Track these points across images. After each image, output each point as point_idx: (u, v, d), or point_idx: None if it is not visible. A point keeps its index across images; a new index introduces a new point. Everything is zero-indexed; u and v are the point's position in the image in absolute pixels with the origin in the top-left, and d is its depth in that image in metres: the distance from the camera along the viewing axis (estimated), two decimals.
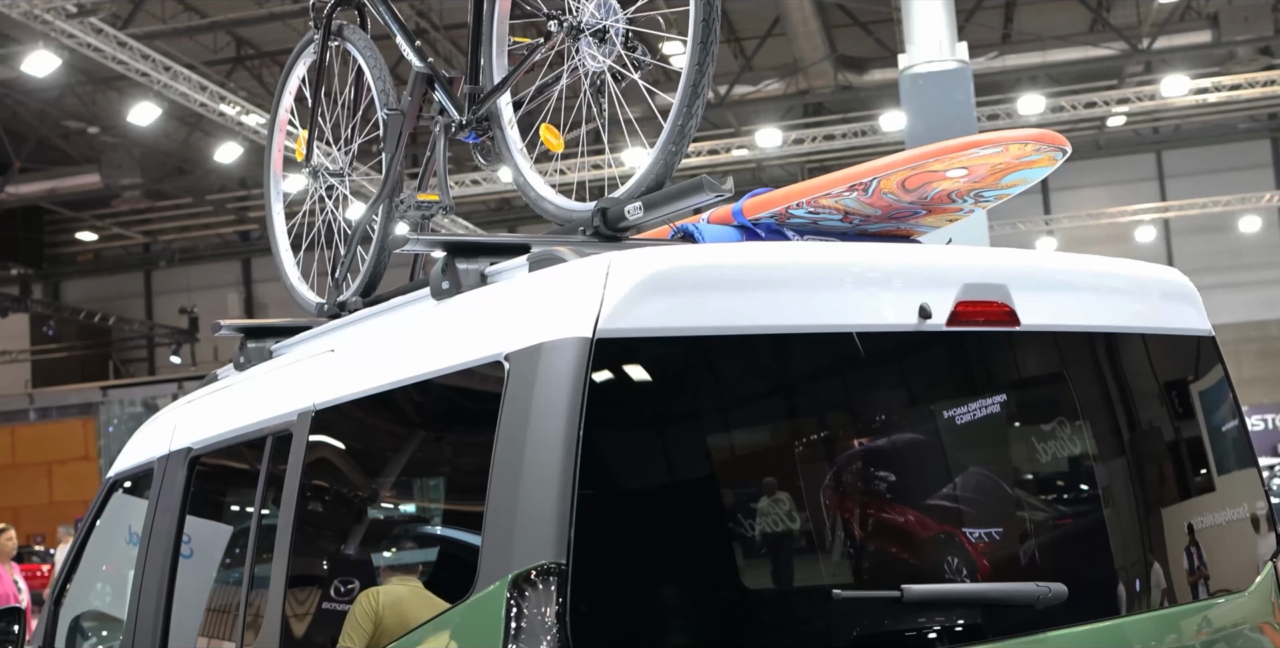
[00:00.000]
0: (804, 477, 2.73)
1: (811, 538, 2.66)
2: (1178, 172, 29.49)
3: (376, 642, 2.82)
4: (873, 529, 2.76)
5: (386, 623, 4.01)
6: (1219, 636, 3.14)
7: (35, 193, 27.10)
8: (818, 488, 2.74)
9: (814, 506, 2.71)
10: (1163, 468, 3.29)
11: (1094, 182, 28.87)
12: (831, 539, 2.70)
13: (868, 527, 2.75)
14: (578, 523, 2.38)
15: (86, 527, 4.87)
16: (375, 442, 3.21)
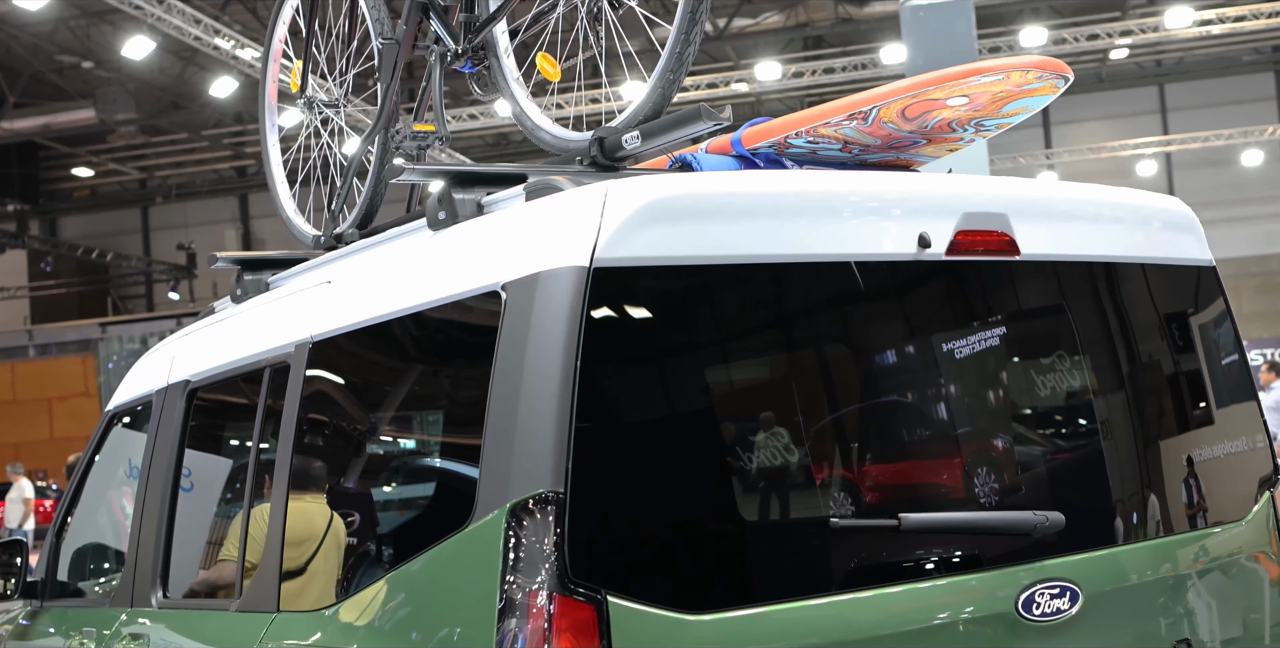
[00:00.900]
0: (801, 406, 2.73)
1: (809, 468, 2.66)
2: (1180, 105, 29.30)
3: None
4: (870, 460, 2.76)
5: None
6: (1215, 564, 3.16)
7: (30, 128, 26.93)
8: (815, 418, 2.74)
9: (811, 436, 2.71)
10: (1162, 399, 3.29)
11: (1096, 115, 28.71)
12: (829, 470, 2.71)
13: (865, 458, 2.76)
14: (575, 452, 2.38)
15: (86, 460, 4.88)
16: (372, 372, 3.21)
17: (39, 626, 4.73)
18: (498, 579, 2.37)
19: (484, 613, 2.39)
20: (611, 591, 2.34)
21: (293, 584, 3.12)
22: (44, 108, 26.45)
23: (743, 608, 2.47)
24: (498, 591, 2.37)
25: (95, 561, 4.90)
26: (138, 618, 3.89)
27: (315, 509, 3.18)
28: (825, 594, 2.56)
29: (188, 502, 3.99)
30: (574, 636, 2.30)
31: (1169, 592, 3.02)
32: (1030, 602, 2.73)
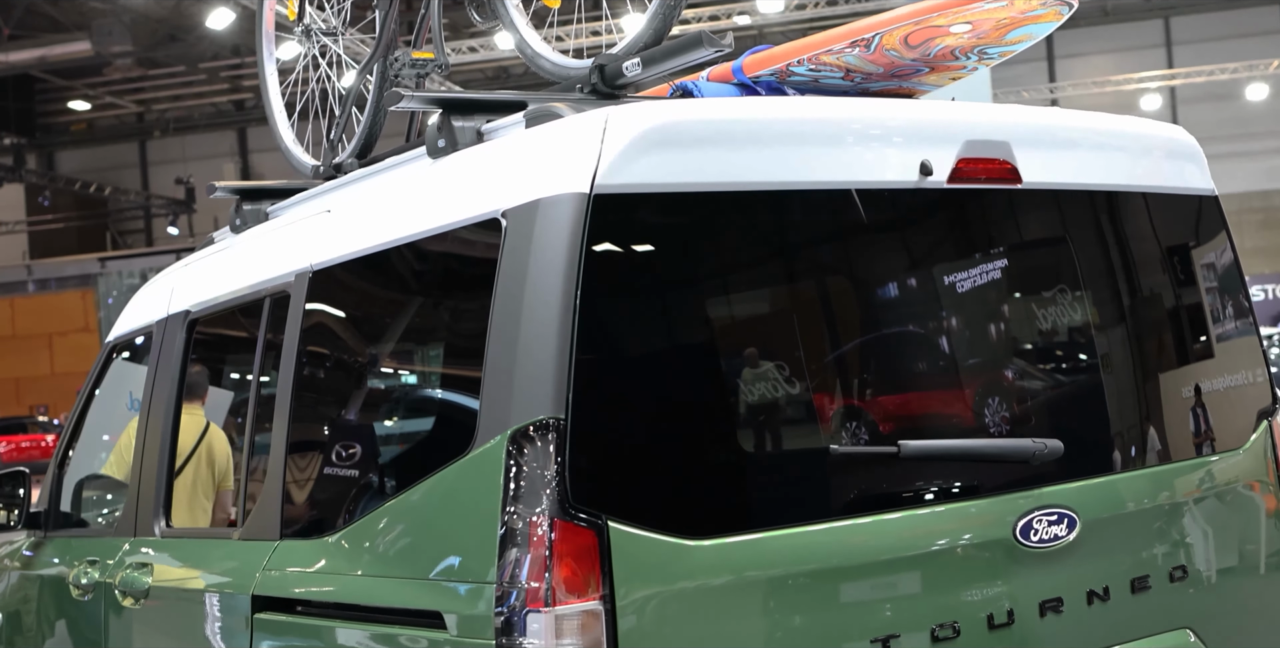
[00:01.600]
0: (801, 335, 2.73)
1: (809, 396, 2.67)
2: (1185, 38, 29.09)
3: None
4: (871, 389, 2.77)
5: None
6: (1211, 492, 3.17)
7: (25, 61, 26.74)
8: (815, 347, 2.75)
9: (811, 364, 2.71)
10: (1162, 330, 3.29)
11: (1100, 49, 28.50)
12: (829, 398, 2.71)
13: (866, 386, 2.76)
14: (576, 379, 2.38)
15: (87, 392, 4.89)
16: (373, 301, 3.21)
17: (42, 556, 4.77)
18: (499, 505, 2.39)
19: (485, 539, 2.40)
20: (612, 516, 2.35)
21: (295, 511, 3.14)
22: (39, 40, 26.25)
23: (742, 533, 2.48)
24: (499, 517, 2.38)
25: (97, 491, 4.93)
26: (141, 548, 3.92)
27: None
28: (824, 520, 2.57)
29: None
30: (575, 561, 2.32)
31: (1166, 519, 3.04)
32: (1028, 528, 2.75)
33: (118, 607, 3.91)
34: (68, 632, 4.37)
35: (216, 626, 3.33)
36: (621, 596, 2.34)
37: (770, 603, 2.48)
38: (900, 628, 2.58)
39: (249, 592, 3.15)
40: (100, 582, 4.07)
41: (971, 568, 2.69)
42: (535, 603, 2.31)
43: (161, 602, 3.69)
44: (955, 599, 2.66)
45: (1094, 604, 2.84)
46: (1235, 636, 3.14)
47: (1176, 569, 3.02)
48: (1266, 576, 3.28)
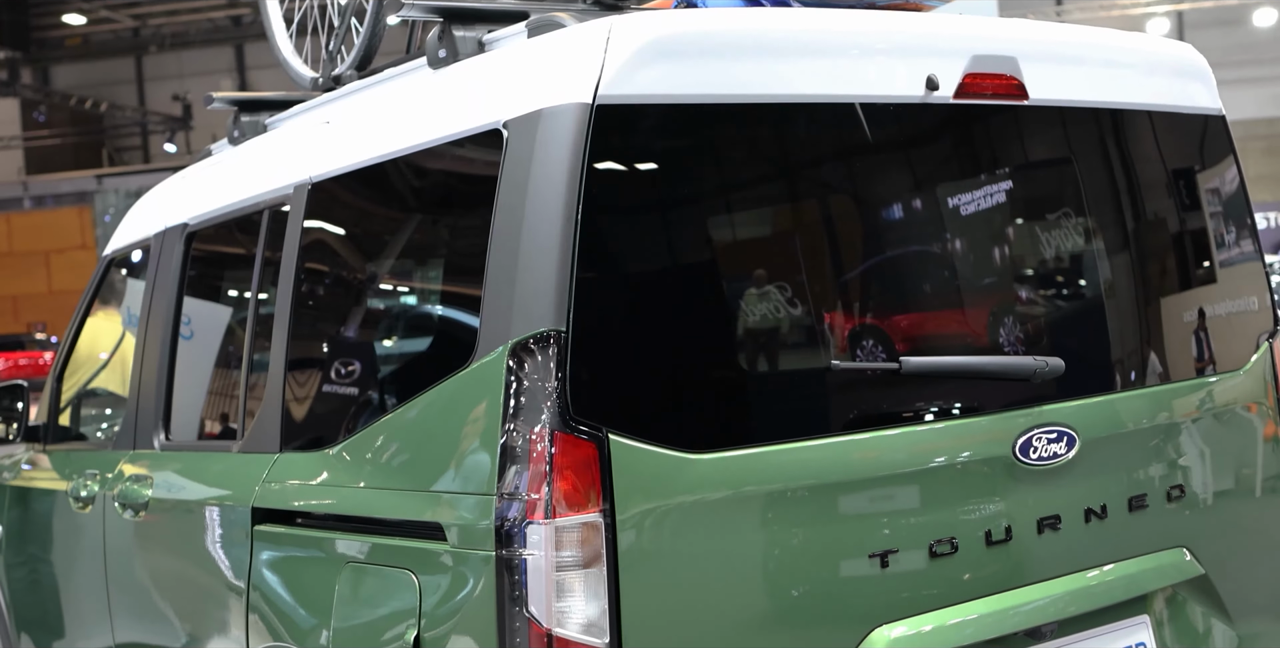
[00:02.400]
0: (803, 250, 2.72)
1: (811, 311, 2.66)
2: None
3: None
4: (872, 306, 2.76)
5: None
6: (1210, 413, 3.18)
7: None
8: (817, 262, 2.73)
9: (813, 279, 2.70)
10: (1165, 252, 3.27)
11: None
12: (831, 313, 2.70)
13: (868, 303, 2.75)
14: (577, 291, 2.37)
15: (84, 306, 4.88)
16: (373, 213, 3.18)
17: (42, 470, 4.79)
18: (499, 418, 2.38)
19: (486, 451, 2.40)
20: (612, 429, 2.35)
21: (295, 425, 3.14)
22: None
23: (742, 448, 2.48)
24: (499, 429, 2.38)
25: (95, 405, 4.94)
26: (139, 461, 3.93)
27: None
28: (824, 436, 2.57)
29: (187, 345, 3.99)
30: (575, 473, 2.32)
31: (1164, 439, 3.05)
32: (1027, 446, 2.75)
33: (117, 520, 3.93)
34: (67, 545, 4.40)
35: (216, 538, 3.35)
36: (621, 508, 2.35)
37: (769, 518, 2.49)
38: (898, 544, 2.60)
39: (249, 504, 3.16)
40: (99, 495, 4.08)
41: (970, 485, 2.70)
42: (535, 515, 2.31)
43: (161, 515, 3.71)
44: (953, 516, 2.67)
45: (1091, 522, 2.86)
46: (1230, 556, 3.17)
47: (1174, 489, 3.03)
48: (1263, 498, 3.30)
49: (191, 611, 3.52)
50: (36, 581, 4.80)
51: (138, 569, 3.86)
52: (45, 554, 4.70)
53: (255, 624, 3.11)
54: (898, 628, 2.59)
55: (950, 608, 2.66)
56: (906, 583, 2.61)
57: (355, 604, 2.73)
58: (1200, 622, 3.13)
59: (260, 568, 3.11)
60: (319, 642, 2.83)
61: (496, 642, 2.34)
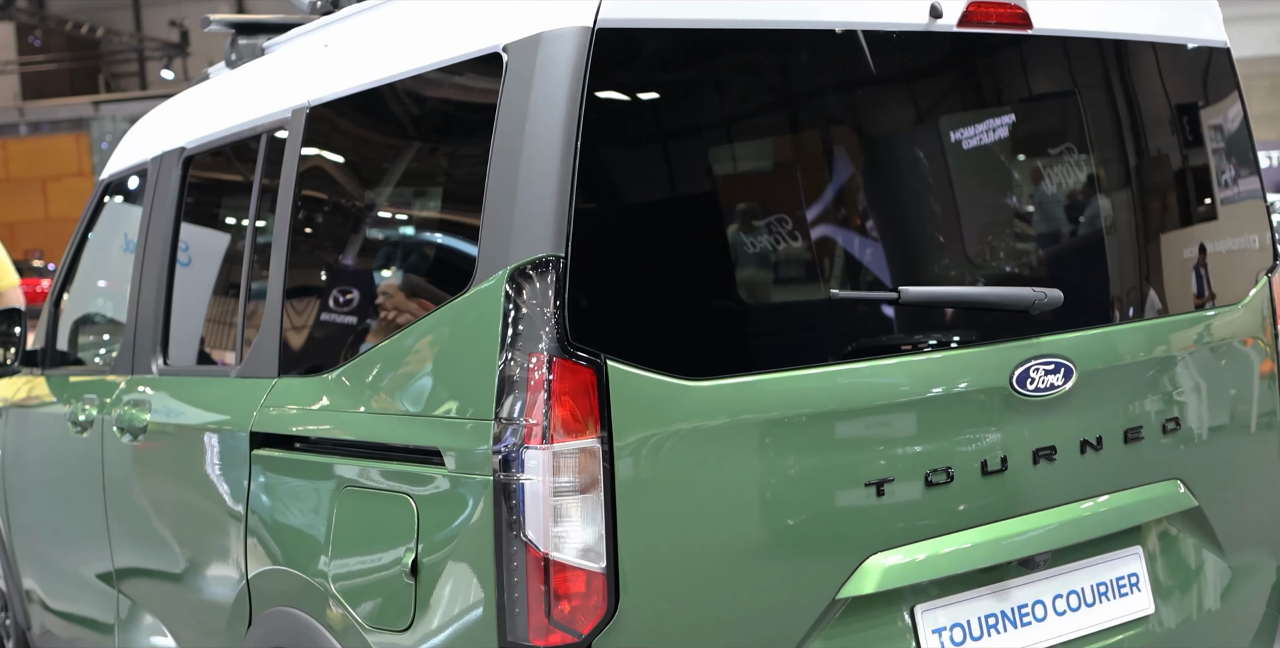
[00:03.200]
0: (804, 179, 2.71)
1: (810, 240, 2.65)
2: None
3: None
4: (873, 236, 2.75)
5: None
6: (1207, 347, 3.18)
7: None
8: (818, 192, 2.72)
9: (813, 209, 2.69)
10: (1167, 185, 3.26)
11: None
12: (830, 243, 2.69)
13: (868, 234, 2.74)
14: (576, 217, 2.36)
15: (82, 231, 4.87)
16: (371, 137, 3.16)
17: (40, 394, 4.80)
18: (497, 343, 2.38)
19: (484, 376, 2.40)
20: (611, 355, 2.35)
21: (293, 350, 3.14)
22: None
23: (740, 376, 2.48)
24: (497, 354, 2.38)
25: (93, 331, 4.94)
26: (138, 386, 3.93)
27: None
28: (822, 365, 2.58)
29: (185, 271, 3.99)
30: (573, 399, 2.32)
31: (1161, 372, 3.05)
32: (1025, 377, 2.75)
33: (115, 444, 3.95)
34: (65, 469, 4.42)
35: (215, 462, 3.36)
36: (619, 435, 2.35)
37: (766, 446, 2.49)
38: (894, 473, 2.61)
39: (247, 429, 3.17)
40: (98, 419, 4.09)
41: (967, 415, 2.71)
42: (533, 440, 2.32)
43: (159, 439, 3.72)
44: (949, 446, 2.68)
45: (1086, 454, 2.87)
46: (1223, 489, 3.19)
47: (1169, 422, 3.04)
48: (1257, 432, 3.31)
49: (190, 535, 3.54)
50: (35, 505, 4.82)
51: (136, 494, 3.87)
52: (44, 479, 4.72)
53: (254, 548, 3.13)
54: (892, 556, 2.61)
55: (944, 537, 2.68)
56: (901, 512, 2.63)
57: (353, 528, 2.75)
58: (1192, 554, 3.15)
59: (258, 492, 3.12)
60: (317, 566, 2.85)
61: (494, 566, 2.36)
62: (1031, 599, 2.84)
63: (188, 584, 3.55)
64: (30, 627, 5.04)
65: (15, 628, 5.24)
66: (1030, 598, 2.84)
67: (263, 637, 3.05)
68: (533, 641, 2.31)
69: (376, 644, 2.64)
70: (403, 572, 2.55)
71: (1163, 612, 3.04)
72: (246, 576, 3.15)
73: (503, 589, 2.34)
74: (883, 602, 2.65)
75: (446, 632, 2.47)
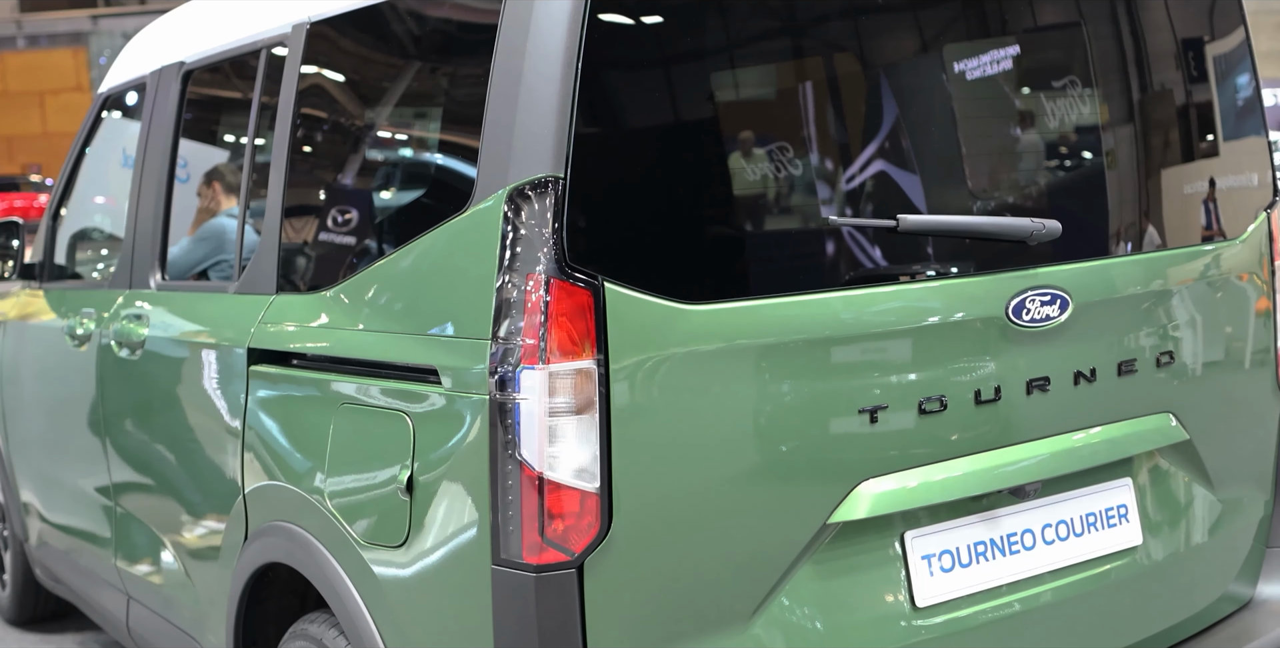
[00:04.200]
0: (804, 106, 2.69)
1: (809, 168, 2.64)
2: None
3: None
4: (872, 165, 2.74)
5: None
6: (1203, 281, 3.18)
7: None
8: (819, 119, 2.71)
9: (813, 136, 2.68)
10: (1170, 120, 3.25)
11: None
12: (829, 171, 2.69)
13: (868, 162, 2.73)
14: (576, 137, 2.35)
15: (80, 145, 4.85)
16: (372, 55, 3.14)
17: (38, 307, 4.80)
18: (495, 263, 2.38)
19: (482, 296, 2.41)
20: (608, 277, 2.35)
21: (291, 267, 3.14)
22: None
23: (737, 300, 2.49)
24: (495, 274, 2.38)
25: (91, 245, 4.93)
26: (135, 301, 3.94)
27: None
28: (819, 291, 2.58)
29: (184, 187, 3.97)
30: (570, 320, 2.33)
31: (1157, 305, 3.06)
32: (1020, 308, 2.76)
33: (113, 358, 3.96)
34: (63, 382, 4.43)
35: (212, 378, 3.37)
36: (615, 357, 2.36)
37: (761, 371, 2.50)
38: (888, 400, 2.62)
39: (245, 345, 3.18)
40: (95, 333, 4.10)
41: (962, 345, 2.71)
42: (530, 360, 2.33)
43: (156, 354, 3.73)
44: (944, 375, 2.69)
45: (1080, 385, 2.88)
46: (1215, 424, 3.20)
47: (1163, 355, 3.05)
48: (1251, 368, 3.32)
49: (187, 449, 3.56)
50: (33, 417, 4.85)
51: (133, 408, 3.89)
52: (41, 391, 4.74)
53: (250, 464, 3.15)
54: (884, 482, 2.63)
55: (936, 465, 2.69)
56: (894, 439, 2.64)
57: (350, 445, 2.77)
58: (1182, 487, 3.18)
59: (256, 409, 3.14)
60: (313, 482, 2.87)
61: (489, 484, 2.37)
62: (1021, 528, 2.87)
63: (184, 498, 3.58)
64: (28, 538, 5.09)
65: (13, 539, 5.30)
66: (1019, 527, 2.87)
67: (258, 550, 3.09)
68: (526, 558, 2.33)
69: (371, 560, 2.67)
70: (398, 489, 2.58)
71: (1150, 544, 3.08)
72: (243, 490, 3.18)
73: (497, 507, 2.36)
74: (873, 528, 2.67)
75: (440, 548, 2.50)
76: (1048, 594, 2.88)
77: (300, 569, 2.90)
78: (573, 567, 2.34)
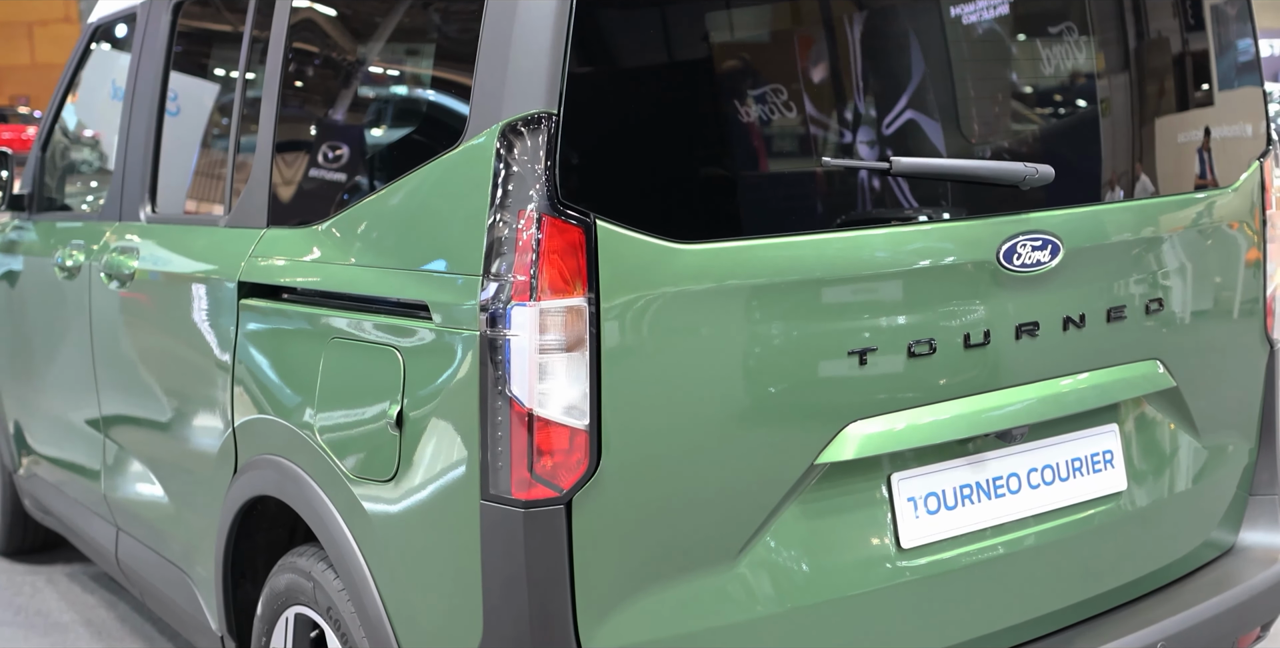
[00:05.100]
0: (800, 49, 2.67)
1: (804, 110, 2.63)
2: None
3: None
4: (866, 108, 2.73)
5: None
6: (1194, 228, 3.19)
7: None
8: (814, 63, 2.69)
9: (808, 79, 2.67)
10: (1165, 68, 3.23)
11: None
12: (824, 113, 2.68)
13: (862, 105, 2.72)
14: (571, 73, 2.34)
15: (69, 76, 4.81)
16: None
17: (26, 238, 4.79)
18: (487, 199, 2.37)
19: (473, 232, 2.40)
20: (600, 215, 2.34)
21: (283, 201, 3.13)
22: None
23: (729, 240, 2.48)
24: (487, 210, 2.37)
25: (80, 177, 4.91)
26: (126, 233, 3.92)
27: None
28: (811, 233, 2.57)
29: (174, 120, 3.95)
30: (561, 257, 2.32)
31: (1147, 252, 3.06)
32: (1011, 252, 2.76)
33: (103, 290, 3.95)
34: (52, 313, 4.43)
35: (202, 311, 3.37)
36: (606, 295, 2.36)
37: (751, 312, 2.50)
38: (877, 343, 2.62)
39: (235, 278, 3.17)
40: (85, 265, 4.09)
41: (952, 288, 2.72)
42: (521, 297, 2.33)
43: (146, 286, 3.72)
44: (934, 318, 2.69)
45: (1069, 331, 2.89)
46: (1202, 371, 3.22)
47: (1153, 302, 3.06)
48: (1240, 317, 3.33)
49: (177, 382, 3.56)
50: (21, 349, 4.84)
51: (123, 340, 3.89)
52: (30, 323, 4.73)
53: (240, 397, 3.16)
54: (871, 424, 2.64)
55: (924, 408, 2.70)
56: (883, 382, 2.65)
57: (339, 379, 2.77)
58: (1168, 434, 3.20)
59: (246, 342, 3.14)
60: (303, 416, 2.87)
61: (478, 421, 2.38)
62: (1006, 472, 2.89)
63: (174, 431, 3.59)
64: (17, 470, 5.11)
65: (1, 470, 5.31)
66: (1005, 471, 2.88)
67: (248, 483, 3.10)
68: (514, 494, 2.34)
69: (360, 494, 2.68)
70: (388, 424, 2.58)
71: (1134, 489, 3.10)
72: (233, 424, 3.19)
73: (486, 443, 2.37)
74: (860, 469, 2.69)
75: (429, 483, 2.51)
76: (1031, 538, 2.91)
77: (289, 502, 2.91)
78: (561, 503, 2.36)
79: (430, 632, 2.56)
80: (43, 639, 4.65)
